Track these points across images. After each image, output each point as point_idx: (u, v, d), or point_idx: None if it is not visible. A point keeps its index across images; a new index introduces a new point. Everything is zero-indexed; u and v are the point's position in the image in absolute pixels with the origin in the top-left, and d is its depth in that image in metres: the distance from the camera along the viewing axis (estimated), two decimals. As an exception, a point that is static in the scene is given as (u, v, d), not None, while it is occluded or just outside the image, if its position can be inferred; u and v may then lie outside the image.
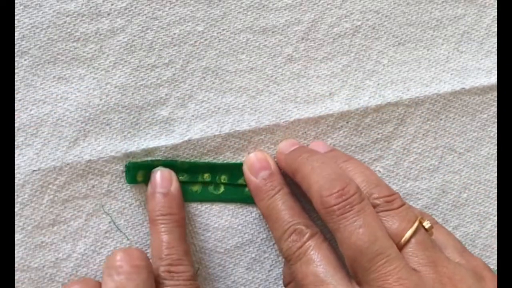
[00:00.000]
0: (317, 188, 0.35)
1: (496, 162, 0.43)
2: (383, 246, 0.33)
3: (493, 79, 0.43)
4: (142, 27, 0.40)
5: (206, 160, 0.40)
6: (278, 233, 0.37)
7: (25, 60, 0.38)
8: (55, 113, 0.38)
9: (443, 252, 0.35)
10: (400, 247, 0.34)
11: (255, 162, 0.39)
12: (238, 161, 0.40)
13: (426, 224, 0.35)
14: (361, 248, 0.33)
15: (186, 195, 0.39)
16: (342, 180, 0.35)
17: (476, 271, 0.35)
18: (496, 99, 0.43)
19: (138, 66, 0.39)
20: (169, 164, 0.39)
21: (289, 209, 0.37)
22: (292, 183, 0.39)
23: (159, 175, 0.38)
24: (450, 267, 0.34)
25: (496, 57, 0.43)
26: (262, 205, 0.38)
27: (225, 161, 0.40)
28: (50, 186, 0.38)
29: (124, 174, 0.39)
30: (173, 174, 0.39)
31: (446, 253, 0.36)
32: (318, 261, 0.34)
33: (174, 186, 0.38)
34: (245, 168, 0.40)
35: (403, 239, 0.34)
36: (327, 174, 0.35)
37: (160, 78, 0.40)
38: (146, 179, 0.39)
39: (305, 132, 0.41)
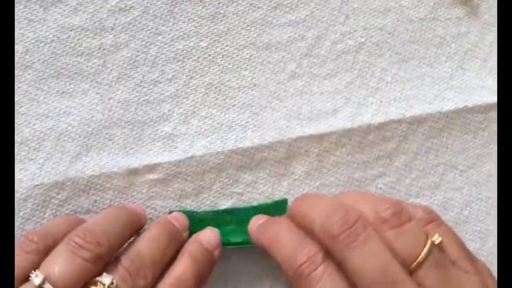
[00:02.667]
0: (319, 220, 0.35)
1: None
2: (396, 273, 0.33)
3: (495, 97, 0.43)
4: (146, 42, 0.40)
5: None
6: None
7: (28, 74, 0.38)
8: (58, 127, 0.38)
9: (454, 264, 0.35)
10: (413, 269, 0.34)
11: None
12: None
13: (436, 240, 0.35)
14: (375, 278, 0.33)
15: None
16: (341, 208, 0.35)
17: (483, 280, 0.35)
18: (498, 116, 0.43)
19: (141, 82, 0.39)
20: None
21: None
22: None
23: None
24: (463, 281, 0.34)
25: (499, 74, 0.43)
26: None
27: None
28: (52, 200, 0.38)
29: (125, 190, 0.39)
30: None
31: (457, 264, 0.35)
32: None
33: None
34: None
35: (416, 263, 0.34)
36: (325, 207, 0.35)
37: (163, 94, 0.40)
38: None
39: (308, 150, 0.41)
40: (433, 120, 0.42)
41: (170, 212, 0.39)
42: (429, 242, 0.34)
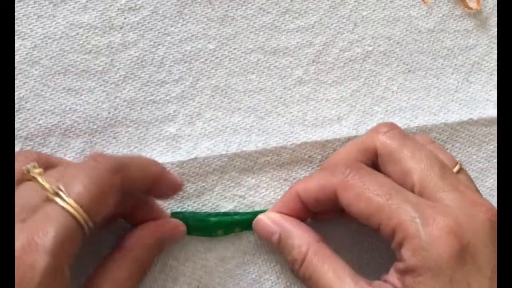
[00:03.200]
0: (366, 134, 0.39)
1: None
2: (446, 163, 0.36)
3: (501, 110, 0.43)
4: (154, 42, 0.40)
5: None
6: None
7: (35, 70, 0.38)
8: (63, 124, 0.39)
9: None
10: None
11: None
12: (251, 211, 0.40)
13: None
14: (430, 164, 0.35)
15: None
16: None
17: None
18: (503, 130, 0.43)
19: (147, 81, 0.40)
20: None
21: None
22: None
23: None
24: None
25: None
26: None
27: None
28: (54, 197, 0.38)
29: None
30: None
31: None
32: None
33: None
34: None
35: (456, 168, 0.37)
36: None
37: (169, 95, 0.40)
38: None
39: (311, 156, 0.41)
40: (438, 132, 0.42)
41: (172, 214, 0.39)
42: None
